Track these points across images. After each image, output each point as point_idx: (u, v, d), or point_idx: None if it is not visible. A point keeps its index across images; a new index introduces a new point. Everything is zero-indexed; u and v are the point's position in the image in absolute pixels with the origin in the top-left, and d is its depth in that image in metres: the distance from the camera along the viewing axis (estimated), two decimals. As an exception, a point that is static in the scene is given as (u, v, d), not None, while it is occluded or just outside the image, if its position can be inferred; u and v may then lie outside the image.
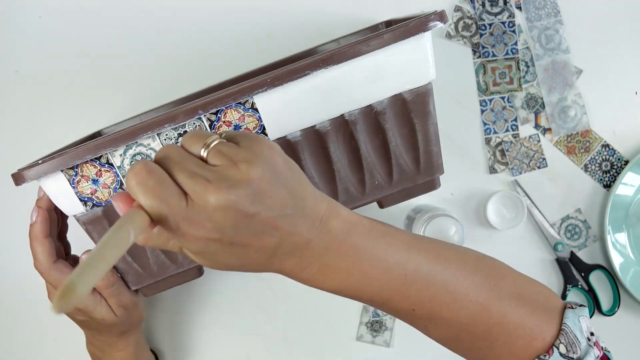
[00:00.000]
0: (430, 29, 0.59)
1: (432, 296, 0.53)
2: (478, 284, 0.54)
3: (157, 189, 0.44)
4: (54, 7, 0.87)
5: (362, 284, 0.52)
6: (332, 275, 0.51)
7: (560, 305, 0.56)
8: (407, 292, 0.53)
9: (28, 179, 0.59)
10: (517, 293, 0.55)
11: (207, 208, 0.44)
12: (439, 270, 0.54)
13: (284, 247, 0.48)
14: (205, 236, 0.46)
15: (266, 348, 0.91)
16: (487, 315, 0.54)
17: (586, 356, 0.53)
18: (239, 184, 0.44)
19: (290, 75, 0.58)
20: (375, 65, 0.60)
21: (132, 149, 0.60)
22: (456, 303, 0.54)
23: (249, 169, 0.45)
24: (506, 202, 0.87)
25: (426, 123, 0.65)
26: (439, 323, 0.55)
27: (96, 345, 0.77)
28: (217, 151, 0.46)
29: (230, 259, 0.48)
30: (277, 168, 0.47)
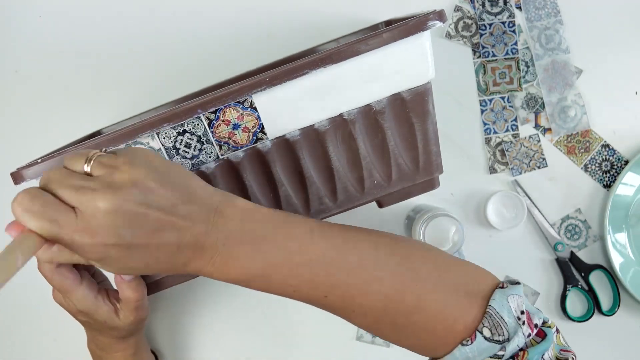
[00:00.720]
0: (430, 28, 0.59)
1: (342, 282, 0.53)
2: (391, 268, 0.54)
3: (43, 211, 0.46)
4: (54, 7, 0.87)
5: (268, 272, 0.52)
6: (235, 265, 0.52)
7: (489, 287, 0.55)
8: (315, 279, 0.53)
9: (27, 178, 0.59)
10: (436, 277, 0.55)
11: (98, 215, 0.46)
12: (346, 254, 0.54)
13: (184, 242, 0.49)
14: (102, 242, 0.47)
15: (266, 348, 0.91)
16: (403, 300, 0.54)
17: (514, 336, 0.52)
18: (124, 185, 0.46)
19: (289, 74, 0.58)
20: (374, 64, 0.60)
21: (131, 148, 0.60)
22: (369, 288, 0.53)
23: (130, 171, 0.47)
24: (506, 202, 0.87)
25: (425, 122, 0.65)
26: (356, 310, 0.54)
27: (97, 345, 0.77)
28: (98, 163, 0.48)
29: (134, 261, 0.49)
30: (158, 167, 0.49)
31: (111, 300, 0.71)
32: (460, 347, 0.53)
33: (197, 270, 0.52)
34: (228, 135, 0.60)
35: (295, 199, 0.65)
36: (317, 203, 0.66)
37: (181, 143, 0.60)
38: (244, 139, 0.61)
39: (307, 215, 0.66)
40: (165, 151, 0.60)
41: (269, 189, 0.65)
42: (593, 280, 0.90)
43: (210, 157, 0.61)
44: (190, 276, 0.71)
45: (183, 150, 0.60)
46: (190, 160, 0.61)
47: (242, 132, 0.60)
